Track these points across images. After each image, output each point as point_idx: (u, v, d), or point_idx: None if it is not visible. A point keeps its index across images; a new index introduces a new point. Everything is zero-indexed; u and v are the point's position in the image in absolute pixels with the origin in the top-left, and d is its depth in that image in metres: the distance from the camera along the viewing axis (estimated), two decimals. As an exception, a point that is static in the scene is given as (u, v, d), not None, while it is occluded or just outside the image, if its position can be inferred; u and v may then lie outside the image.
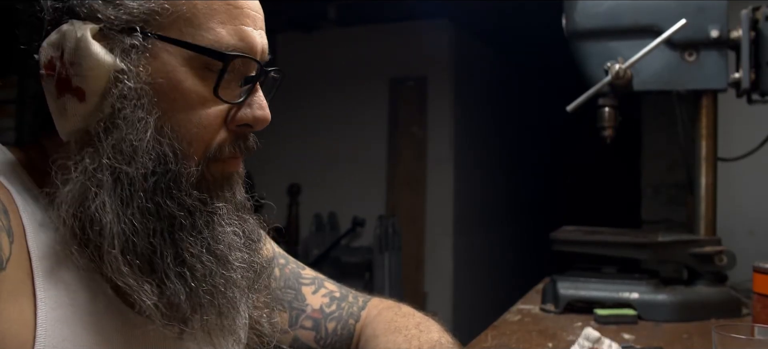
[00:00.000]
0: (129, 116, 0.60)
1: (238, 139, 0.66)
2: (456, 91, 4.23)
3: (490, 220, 4.83)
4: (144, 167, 0.60)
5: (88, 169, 0.59)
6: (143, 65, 0.60)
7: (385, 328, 0.86)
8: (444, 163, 4.19)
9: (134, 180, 0.59)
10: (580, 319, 1.25)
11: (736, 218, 2.06)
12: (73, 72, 0.59)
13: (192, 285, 0.62)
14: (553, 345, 1.10)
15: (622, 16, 1.33)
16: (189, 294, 0.61)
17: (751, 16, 1.32)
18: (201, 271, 0.62)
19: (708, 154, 1.38)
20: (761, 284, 0.98)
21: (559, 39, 1.39)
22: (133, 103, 0.60)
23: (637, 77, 1.32)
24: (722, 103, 1.39)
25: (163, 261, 0.60)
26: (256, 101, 0.66)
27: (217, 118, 0.64)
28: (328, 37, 4.29)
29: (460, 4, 3.75)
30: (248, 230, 0.70)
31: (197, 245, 0.62)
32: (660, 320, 1.24)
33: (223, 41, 0.62)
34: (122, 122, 0.59)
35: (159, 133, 0.61)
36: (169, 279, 0.60)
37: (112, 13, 0.60)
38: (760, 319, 0.97)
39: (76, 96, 0.59)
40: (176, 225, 0.61)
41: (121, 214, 0.59)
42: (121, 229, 0.58)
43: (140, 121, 0.60)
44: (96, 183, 0.59)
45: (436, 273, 4.19)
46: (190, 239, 0.62)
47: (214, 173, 0.65)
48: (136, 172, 0.59)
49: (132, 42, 0.60)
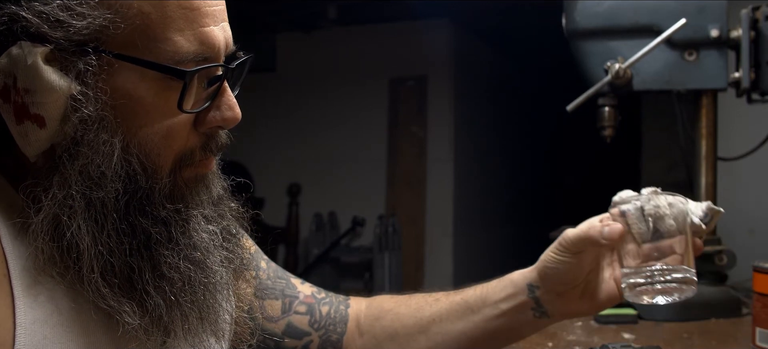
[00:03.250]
0: (92, 141, 0.57)
1: (208, 141, 0.64)
2: (456, 91, 4.22)
3: (490, 219, 4.83)
4: (114, 190, 0.58)
5: (58, 196, 0.57)
6: (101, 86, 0.57)
7: (396, 299, 0.90)
8: (444, 162, 4.19)
9: (106, 202, 0.58)
10: (580, 319, 1.25)
11: (736, 217, 2.06)
12: (29, 100, 0.56)
13: (172, 298, 0.60)
14: (553, 345, 1.10)
15: (622, 15, 1.33)
16: (169, 306, 0.61)
17: (751, 16, 1.32)
18: (179, 281, 0.61)
19: (708, 154, 1.38)
20: (761, 283, 0.98)
21: (559, 39, 1.39)
22: (95, 126, 0.57)
23: (637, 77, 1.32)
24: (722, 102, 1.39)
25: (142, 277, 0.59)
26: (224, 102, 0.63)
27: (184, 127, 0.61)
28: (328, 37, 4.28)
29: (460, 4, 3.75)
30: (225, 225, 0.69)
31: (174, 256, 0.61)
32: (660, 320, 1.24)
33: (182, 51, 0.58)
34: (86, 148, 0.57)
35: (126, 152, 0.58)
36: (148, 295, 0.59)
37: (61, 34, 0.56)
38: (760, 319, 0.97)
39: (36, 123, 0.57)
40: (152, 240, 0.60)
41: (97, 236, 0.57)
42: (98, 251, 0.57)
43: (105, 144, 0.57)
44: (68, 211, 0.57)
45: (436, 273, 4.19)
46: (166, 252, 0.60)
47: (186, 179, 0.63)
48: (107, 196, 0.58)
49: (86, 63, 0.56)
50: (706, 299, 1.28)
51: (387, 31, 4.21)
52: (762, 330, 0.97)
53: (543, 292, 0.80)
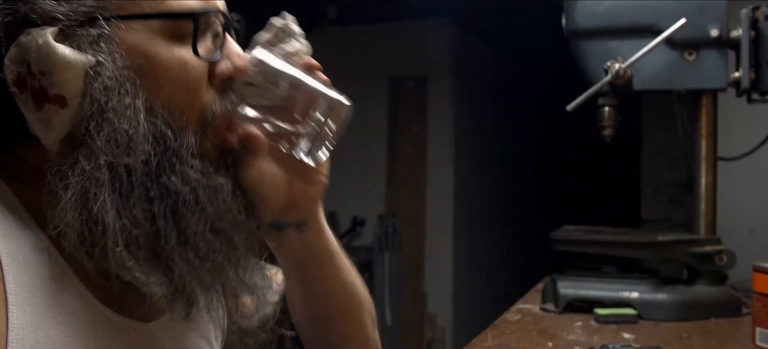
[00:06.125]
0: (117, 106, 0.58)
1: (224, 94, 0.65)
2: (456, 91, 4.23)
3: (490, 219, 4.83)
4: (144, 154, 0.58)
5: (86, 170, 0.57)
6: (116, 51, 0.58)
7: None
8: (444, 163, 4.19)
9: (134, 169, 0.58)
10: (580, 318, 1.25)
11: (736, 217, 2.06)
12: (46, 82, 0.56)
13: (195, 264, 0.61)
14: (553, 345, 1.10)
15: (622, 15, 1.33)
16: (193, 274, 0.61)
17: (751, 16, 1.32)
18: (204, 249, 0.61)
19: (708, 154, 1.38)
20: (761, 283, 0.98)
21: (559, 38, 1.39)
22: (117, 92, 0.58)
23: (637, 77, 1.32)
24: (722, 102, 1.39)
25: (167, 243, 0.59)
26: (232, 52, 0.65)
27: (200, 80, 0.63)
28: (328, 37, 4.28)
29: (460, 4, 3.75)
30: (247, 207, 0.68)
31: (201, 223, 0.61)
32: (660, 320, 1.24)
33: (186, 4, 0.61)
34: (112, 114, 0.58)
35: (150, 113, 0.59)
36: (173, 262, 0.59)
37: (67, 9, 0.57)
38: (760, 319, 0.97)
39: (57, 103, 0.57)
40: (180, 202, 0.60)
41: (121, 209, 0.57)
42: (123, 224, 0.57)
43: (129, 107, 0.58)
44: (95, 183, 0.57)
45: (436, 273, 4.19)
46: (193, 217, 0.60)
47: (212, 141, 0.64)
48: (136, 160, 0.58)
49: (97, 32, 0.58)
50: (706, 299, 1.28)
51: (387, 31, 4.21)
52: (762, 330, 0.97)
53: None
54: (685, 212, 1.86)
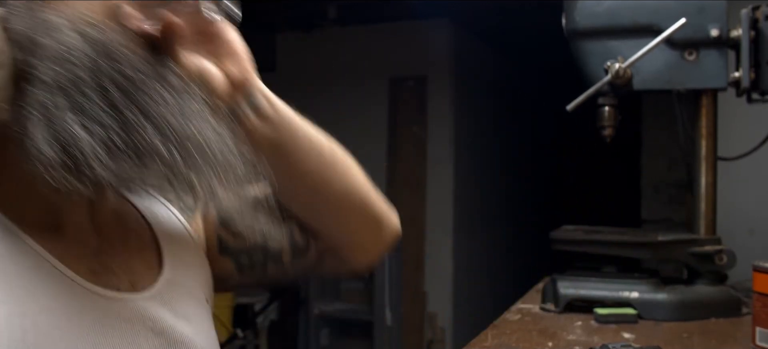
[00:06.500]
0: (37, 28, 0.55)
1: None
2: (456, 91, 4.23)
3: (490, 219, 4.83)
4: (78, 60, 0.55)
5: (41, 99, 0.54)
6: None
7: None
8: (444, 163, 4.19)
9: (82, 79, 0.55)
10: (580, 318, 1.25)
11: (736, 217, 2.06)
12: None
13: (168, 134, 0.56)
14: (553, 345, 1.10)
15: (622, 15, 1.33)
16: (168, 144, 0.56)
17: (751, 16, 1.32)
18: (176, 124, 0.57)
19: (708, 154, 1.38)
20: (761, 283, 0.98)
21: (559, 38, 1.39)
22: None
23: (637, 76, 1.32)
24: (722, 102, 1.39)
25: (136, 118, 0.55)
26: None
27: None
28: (328, 37, 4.29)
29: (460, 4, 3.75)
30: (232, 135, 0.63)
31: (166, 106, 0.57)
32: (660, 320, 1.24)
33: None
34: (37, 45, 0.55)
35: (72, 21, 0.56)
36: (157, 150, 0.56)
37: None
38: (760, 318, 0.97)
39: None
40: (135, 84, 0.56)
41: (85, 120, 0.54)
42: (94, 134, 0.54)
43: (56, 28, 0.55)
44: (51, 109, 0.54)
45: (436, 273, 4.19)
46: (155, 96, 0.57)
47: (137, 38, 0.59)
48: (79, 66, 0.55)
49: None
50: (706, 299, 1.28)
51: (387, 31, 4.21)
52: (762, 330, 0.97)
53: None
54: (685, 212, 1.86)
